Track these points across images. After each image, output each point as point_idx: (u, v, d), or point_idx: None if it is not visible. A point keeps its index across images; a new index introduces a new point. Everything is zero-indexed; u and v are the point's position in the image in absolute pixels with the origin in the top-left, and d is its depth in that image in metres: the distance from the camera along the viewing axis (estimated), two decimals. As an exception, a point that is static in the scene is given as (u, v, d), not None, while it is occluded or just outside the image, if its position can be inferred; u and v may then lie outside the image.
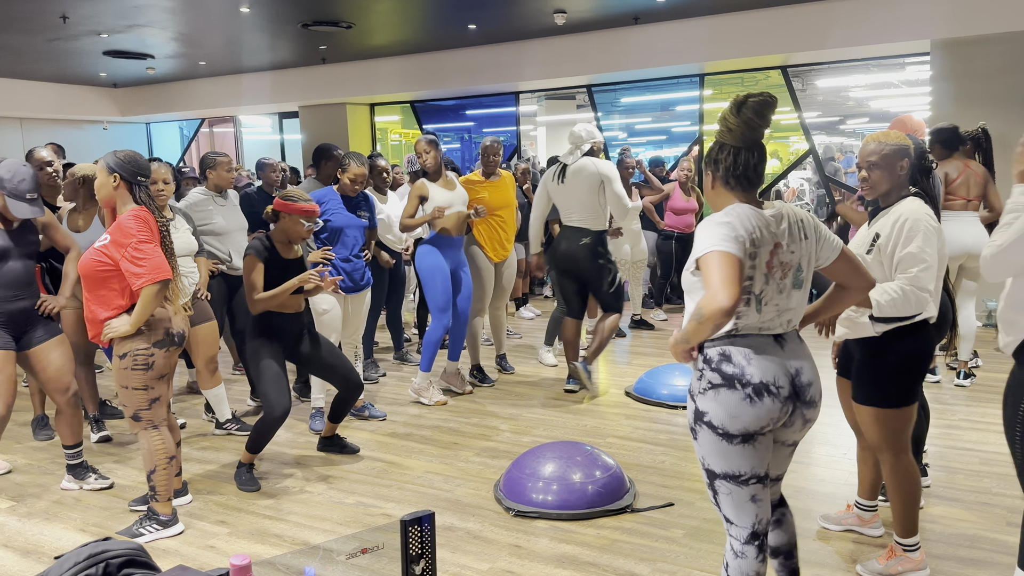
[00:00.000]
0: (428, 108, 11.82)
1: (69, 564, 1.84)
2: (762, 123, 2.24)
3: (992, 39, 7.30)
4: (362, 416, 5.13)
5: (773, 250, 2.21)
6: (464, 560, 3.23)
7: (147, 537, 3.45)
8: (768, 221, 2.22)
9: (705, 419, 2.22)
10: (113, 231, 3.28)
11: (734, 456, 2.21)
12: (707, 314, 2.05)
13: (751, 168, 2.25)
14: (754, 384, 2.17)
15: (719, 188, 2.30)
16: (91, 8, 7.45)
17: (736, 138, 2.25)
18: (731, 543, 2.32)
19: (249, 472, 4.06)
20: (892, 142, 2.88)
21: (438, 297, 5.25)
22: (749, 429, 2.19)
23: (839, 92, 10.13)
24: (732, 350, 2.20)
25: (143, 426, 3.46)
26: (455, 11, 8.06)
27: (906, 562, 2.98)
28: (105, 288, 3.31)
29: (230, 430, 4.90)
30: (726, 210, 2.22)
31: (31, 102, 12.01)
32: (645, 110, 10.73)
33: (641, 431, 4.74)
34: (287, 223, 4.01)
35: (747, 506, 2.26)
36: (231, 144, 14.12)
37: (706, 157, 2.35)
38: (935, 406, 4.95)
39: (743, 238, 2.14)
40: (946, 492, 3.74)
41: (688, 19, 8.68)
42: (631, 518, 3.58)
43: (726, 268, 2.07)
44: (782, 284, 2.24)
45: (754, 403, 2.17)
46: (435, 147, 5.28)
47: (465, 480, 4.08)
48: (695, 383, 2.26)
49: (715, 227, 2.16)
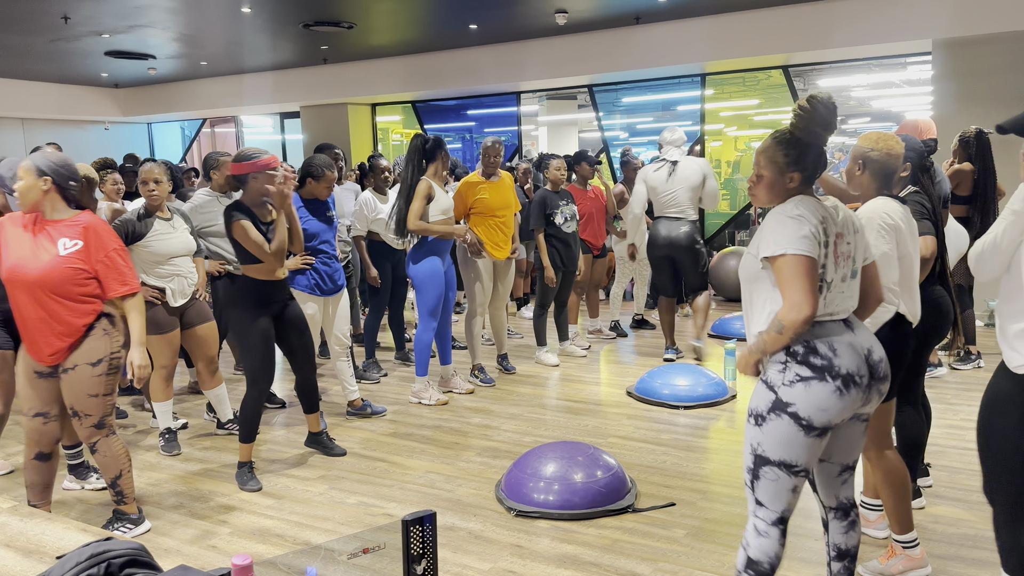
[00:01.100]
0: (429, 108, 11.83)
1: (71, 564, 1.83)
2: (830, 124, 2.33)
3: (994, 38, 7.29)
4: (364, 414, 5.13)
5: (837, 239, 2.28)
6: (465, 560, 3.23)
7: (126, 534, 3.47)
8: (830, 211, 2.29)
9: (789, 409, 2.22)
10: (86, 236, 3.16)
11: (802, 447, 2.24)
12: (788, 325, 2.15)
13: (820, 163, 2.35)
14: (843, 375, 2.20)
15: (801, 187, 2.33)
16: (92, 8, 7.45)
17: (812, 132, 2.32)
18: (755, 523, 2.34)
19: (250, 471, 4.07)
20: (856, 144, 2.95)
21: (430, 303, 5.22)
22: (833, 421, 2.23)
23: (841, 92, 10.12)
24: (814, 341, 2.23)
25: (105, 433, 3.34)
26: (456, 11, 8.06)
27: (906, 560, 2.97)
28: (80, 295, 3.19)
29: (231, 430, 4.90)
30: (794, 201, 2.26)
31: (33, 102, 12.03)
32: (646, 110, 10.72)
33: (643, 431, 4.74)
34: (259, 182, 3.92)
35: (786, 494, 2.30)
36: (232, 144, 14.12)
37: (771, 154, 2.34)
38: (937, 406, 4.94)
39: (816, 232, 2.19)
40: (948, 492, 3.74)
41: (689, 19, 8.68)
42: (633, 518, 3.57)
43: (804, 276, 2.15)
44: (844, 272, 2.30)
45: (843, 396, 2.20)
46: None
47: (466, 480, 4.08)
48: (775, 375, 2.25)
49: (788, 221, 2.21)
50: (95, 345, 3.23)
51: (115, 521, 3.51)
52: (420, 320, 5.29)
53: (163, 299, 4.42)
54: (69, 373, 3.22)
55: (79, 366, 3.21)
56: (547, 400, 5.45)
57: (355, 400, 5.18)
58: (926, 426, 3.59)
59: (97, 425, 3.30)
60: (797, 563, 3.11)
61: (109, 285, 3.20)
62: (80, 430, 3.31)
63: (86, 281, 3.18)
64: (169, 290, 4.43)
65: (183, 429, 5.02)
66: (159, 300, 4.40)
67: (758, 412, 2.29)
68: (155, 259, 4.39)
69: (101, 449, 3.35)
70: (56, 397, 3.31)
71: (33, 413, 3.30)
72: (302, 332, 4.24)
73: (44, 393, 3.29)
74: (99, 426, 3.31)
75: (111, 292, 3.21)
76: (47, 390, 3.29)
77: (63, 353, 3.21)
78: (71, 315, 3.18)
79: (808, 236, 2.18)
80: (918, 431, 3.46)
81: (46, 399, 3.30)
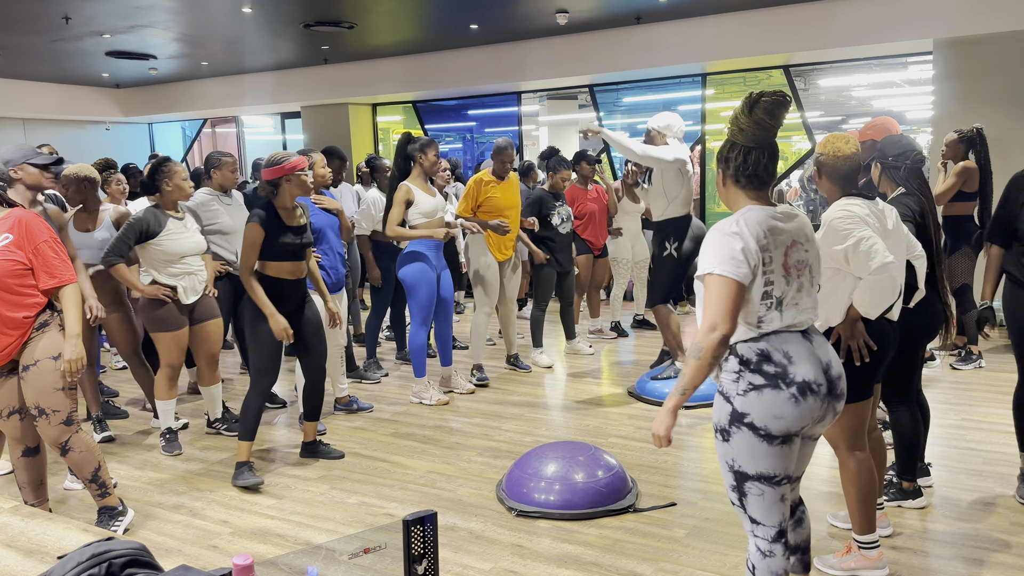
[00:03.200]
0: (430, 108, 11.82)
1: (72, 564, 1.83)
2: (774, 123, 2.24)
3: (995, 38, 7.28)
4: (351, 410, 5.17)
5: (788, 249, 2.22)
6: (466, 560, 3.23)
7: (120, 531, 3.47)
8: (778, 218, 2.24)
9: (746, 420, 2.18)
10: (16, 230, 3.11)
11: (771, 457, 2.20)
12: (706, 346, 2.12)
13: (761, 167, 2.26)
14: (798, 383, 2.16)
15: (730, 186, 2.32)
16: (93, 9, 7.45)
17: (747, 138, 2.25)
18: (757, 544, 2.29)
19: (249, 470, 4.06)
20: (816, 149, 2.95)
21: (422, 304, 5.21)
22: (791, 429, 2.18)
23: (841, 92, 10.12)
24: (769, 349, 2.19)
25: (75, 429, 3.29)
26: (457, 11, 8.06)
27: (861, 560, 2.96)
28: (21, 288, 3.14)
29: (219, 429, 4.91)
30: (736, 216, 2.22)
31: (34, 103, 12.03)
32: (647, 110, 10.71)
33: (643, 431, 4.74)
34: (294, 184, 3.98)
35: (776, 506, 2.26)
36: (233, 144, 14.13)
37: (717, 155, 2.35)
38: (937, 406, 4.94)
39: (751, 251, 2.15)
40: (949, 492, 3.73)
41: (690, 19, 8.67)
42: (633, 518, 3.57)
43: (726, 298, 2.12)
44: (800, 283, 2.25)
45: (799, 403, 2.16)
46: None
47: (467, 480, 4.08)
48: (730, 385, 2.21)
49: (722, 239, 2.17)
50: (54, 339, 3.19)
51: (105, 520, 3.48)
52: (412, 322, 5.29)
53: (175, 297, 4.42)
54: (31, 370, 3.16)
55: (41, 361, 3.16)
56: (548, 400, 5.45)
57: (342, 397, 5.22)
58: (923, 426, 3.60)
59: (66, 421, 3.24)
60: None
61: (39, 277, 3.15)
62: (48, 431, 3.22)
63: (23, 273, 3.12)
64: (181, 288, 4.44)
65: (183, 429, 5.02)
66: (171, 298, 4.41)
67: (721, 426, 2.25)
68: (167, 258, 4.39)
69: (75, 446, 3.29)
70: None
71: (7, 412, 3.26)
72: (316, 331, 4.24)
73: (10, 391, 3.24)
74: (68, 422, 3.25)
75: (40, 284, 3.16)
76: (12, 387, 3.23)
77: (13, 349, 3.15)
78: (12, 309, 3.12)
79: (738, 256, 2.14)
80: (913, 430, 3.47)
81: (15, 395, 3.24)
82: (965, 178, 5.59)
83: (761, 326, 2.20)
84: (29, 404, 3.20)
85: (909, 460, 3.52)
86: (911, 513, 3.52)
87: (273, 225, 3.96)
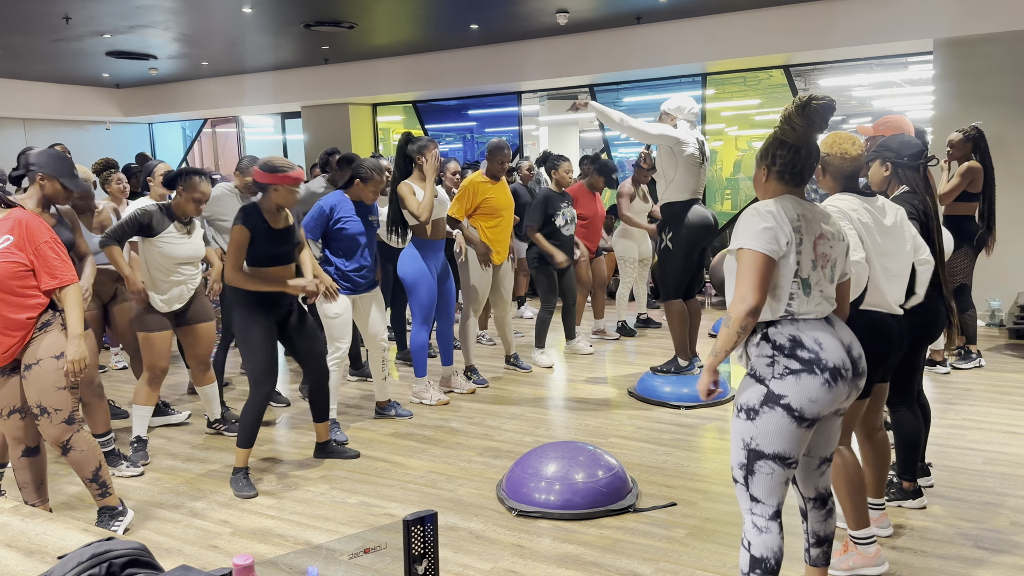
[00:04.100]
0: (430, 108, 11.83)
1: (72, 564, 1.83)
2: (823, 124, 2.37)
3: (995, 38, 7.29)
4: (388, 415, 5.13)
5: (817, 239, 2.34)
6: (467, 560, 3.23)
7: (120, 531, 3.48)
8: (812, 210, 2.37)
9: (783, 402, 2.27)
10: (16, 231, 3.11)
11: (795, 439, 2.29)
12: (734, 317, 2.26)
13: (808, 165, 2.40)
14: (830, 368, 2.27)
15: (772, 182, 2.43)
16: (94, 9, 7.46)
17: (798, 137, 2.37)
18: (753, 521, 2.37)
19: (245, 477, 4.01)
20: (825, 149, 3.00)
21: (423, 303, 5.20)
22: (822, 413, 2.29)
23: (842, 91, 10.11)
24: (800, 335, 2.30)
25: (76, 428, 3.29)
26: (457, 11, 8.06)
27: (858, 557, 2.97)
28: (23, 290, 3.14)
29: (219, 430, 4.91)
30: (772, 200, 2.35)
31: (34, 103, 12.03)
32: (647, 110, 10.72)
33: (644, 431, 4.74)
34: (281, 194, 3.95)
35: (780, 487, 2.35)
36: (233, 144, 14.13)
37: (761, 152, 2.45)
38: (937, 406, 4.94)
39: (784, 230, 2.28)
40: (949, 492, 3.74)
41: (690, 19, 8.68)
42: (634, 518, 3.58)
43: (756, 272, 2.26)
44: (825, 272, 2.36)
45: (831, 388, 2.27)
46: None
47: (467, 480, 4.08)
48: (764, 368, 2.31)
49: (756, 217, 2.30)
50: (56, 338, 3.20)
51: (105, 520, 3.49)
52: (413, 321, 5.28)
53: (147, 300, 4.38)
54: (33, 369, 3.17)
55: (43, 360, 3.17)
56: (548, 400, 5.45)
57: (383, 401, 5.16)
58: (924, 426, 3.59)
59: (68, 420, 3.24)
60: (788, 560, 3.11)
61: (40, 278, 3.16)
62: (50, 430, 3.23)
63: (25, 274, 3.13)
64: (158, 299, 4.37)
65: (185, 424, 5.03)
66: (145, 302, 4.37)
67: (749, 406, 2.33)
68: (162, 261, 4.34)
69: (76, 445, 3.29)
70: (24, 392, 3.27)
71: (8, 412, 3.26)
72: (311, 339, 4.21)
73: (11, 390, 3.24)
74: (70, 421, 3.25)
75: (42, 285, 3.16)
76: (13, 386, 3.24)
77: (16, 350, 3.16)
78: (14, 311, 3.12)
79: (771, 232, 2.27)
80: (915, 431, 3.47)
81: (17, 394, 3.25)
82: (971, 178, 5.60)
83: (791, 305, 2.31)
84: (31, 403, 3.21)
85: (910, 460, 3.52)
86: (911, 513, 3.52)
87: (257, 227, 3.93)
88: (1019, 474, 3.91)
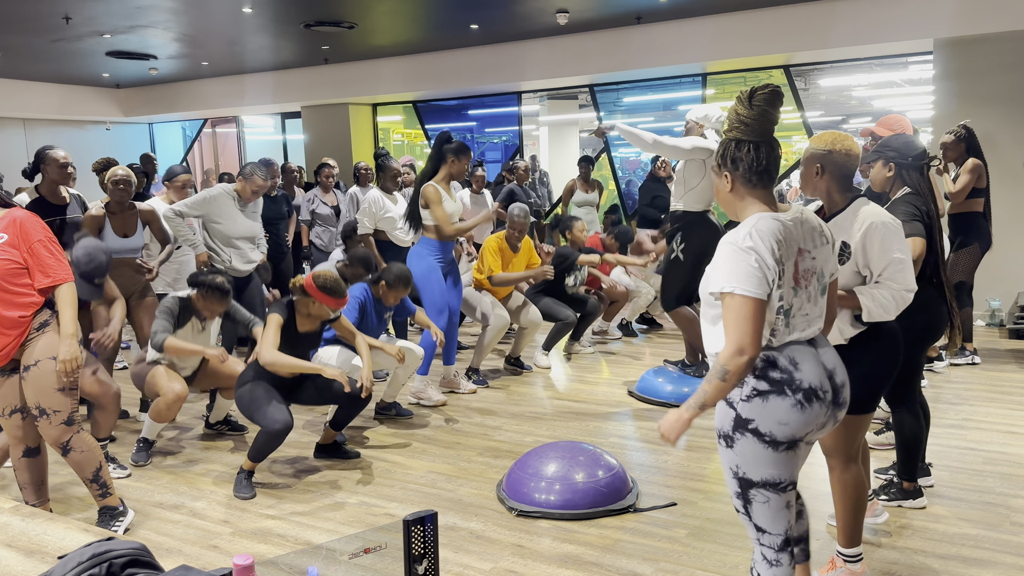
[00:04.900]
0: (430, 108, 11.83)
1: (72, 564, 1.84)
2: (775, 113, 2.20)
3: (995, 38, 7.29)
4: (388, 415, 5.12)
5: (798, 258, 2.17)
6: (467, 560, 3.23)
7: (121, 531, 3.48)
8: (788, 227, 2.16)
9: (751, 427, 2.14)
10: (11, 229, 3.11)
11: (777, 464, 2.16)
12: (733, 370, 2.05)
13: (772, 162, 2.20)
14: (804, 389, 2.12)
15: (739, 189, 2.23)
16: (94, 9, 7.46)
17: (753, 132, 2.19)
18: (763, 552, 2.26)
19: (248, 479, 4.00)
20: (811, 147, 2.84)
21: (435, 298, 5.21)
22: (796, 436, 2.14)
23: (842, 91, 10.13)
24: (774, 355, 2.14)
25: (76, 429, 3.28)
26: (457, 11, 8.06)
27: (846, 574, 2.90)
28: (16, 288, 3.13)
29: (221, 431, 4.92)
30: (748, 227, 2.13)
31: (34, 103, 12.04)
32: (647, 110, 10.72)
33: (644, 431, 4.74)
34: (318, 308, 4.13)
35: (782, 513, 2.22)
36: (233, 144, 14.14)
37: (719, 159, 2.25)
38: (937, 405, 4.94)
39: (769, 266, 2.08)
40: (949, 492, 3.74)
41: (690, 19, 8.68)
42: (634, 518, 3.58)
43: (750, 319, 2.05)
44: (808, 292, 2.20)
45: (804, 409, 2.12)
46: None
47: (467, 480, 4.08)
48: (733, 390, 2.17)
49: (737, 255, 2.09)
50: (54, 340, 3.18)
51: (105, 520, 3.48)
52: (429, 315, 5.25)
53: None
54: (31, 370, 3.15)
55: (41, 361, 3.15)
56: (548, 400, 5.45)
57: (383, 401, 5.15)
58: (924, 427, 3.59)
59: (67, 421, 3.23)
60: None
61: (34, 277, 3.14)
62: (49, 431, 3.22)
63: (19, 272, 3.12)
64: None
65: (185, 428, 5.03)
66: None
67: (724, 432, 2.21)
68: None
69: (76, 446, 3.28)
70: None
71: (9, 411, 3.26)
72: (324, 394, 4.26)
73: (11, 390, 3.24)
74: (69, 422, 3.24)
75: (36, 283, 3.15)
76: (12, 386, 3.24)
77: (12, 349, 3.15)
78: (8, 309, 3.11)
79: (756, 273, 2.06)
80: (916, 432, 3.46)
81: (16, 395, 3.24)
82: (978, 174, 5.63)
83: (772, 339, 2.16)
84: (30, 404, 3.20)
85: (910, 460, 3.52)
86: (911, 513, 3.52)
87: (286, 323, 4.08)
88: (1019, 474, 3.91)
